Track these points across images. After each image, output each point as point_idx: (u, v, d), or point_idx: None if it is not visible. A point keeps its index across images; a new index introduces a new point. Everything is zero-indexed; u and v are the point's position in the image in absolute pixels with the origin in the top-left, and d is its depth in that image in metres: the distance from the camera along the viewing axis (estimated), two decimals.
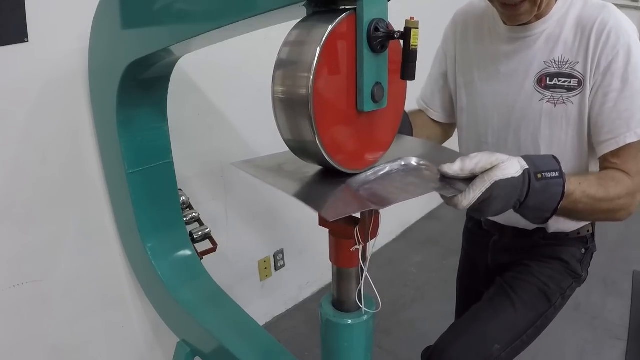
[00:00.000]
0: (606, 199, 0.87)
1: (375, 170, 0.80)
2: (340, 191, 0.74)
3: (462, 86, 1.18)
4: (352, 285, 0.83)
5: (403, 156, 0.84)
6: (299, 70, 0.65)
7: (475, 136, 1.17)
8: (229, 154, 1.87)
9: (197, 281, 1.41)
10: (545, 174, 0.75)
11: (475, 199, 0.71)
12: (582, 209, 0.84)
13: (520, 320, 1.10)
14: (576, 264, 1.16)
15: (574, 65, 0.98)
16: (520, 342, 1.09)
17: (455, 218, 3.24)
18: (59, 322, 1.45)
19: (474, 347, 1.06)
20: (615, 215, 0.91)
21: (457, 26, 1.19)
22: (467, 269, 1.42)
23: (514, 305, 1.10)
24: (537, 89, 1.02)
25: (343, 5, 0.67)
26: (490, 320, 1.10)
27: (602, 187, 0.86)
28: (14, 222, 1.30)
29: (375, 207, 0.70)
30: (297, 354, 1.23)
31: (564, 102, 1.00)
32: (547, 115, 1.02)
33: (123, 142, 1.23)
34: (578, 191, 0.82)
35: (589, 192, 0.83)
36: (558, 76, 0.99)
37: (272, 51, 0.72)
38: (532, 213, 0.78)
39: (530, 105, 1.04)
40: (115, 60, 1.12)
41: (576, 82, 0.98)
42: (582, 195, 0.82)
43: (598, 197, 0.85)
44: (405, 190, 0.75)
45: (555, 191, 0.76)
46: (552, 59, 1.00)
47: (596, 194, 0.85)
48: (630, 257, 2.71)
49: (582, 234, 1.17)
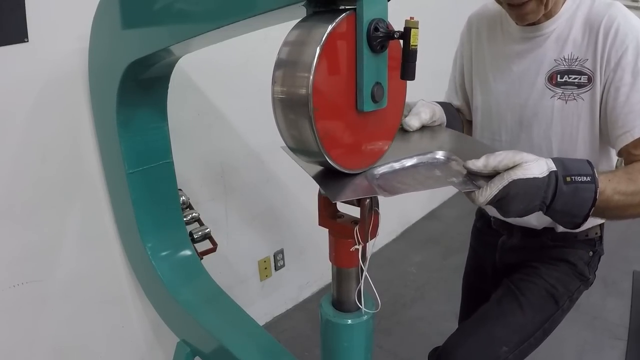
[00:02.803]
0: (638, 192, 0.83)
1: (402, 162, 0.81)
2: (355, 178, 0.75)
3: (477, 86, 1.20)
4: (352, 285, 0.83)
5: (439, 148, 0.85)
6: (299, 70, 0.65)
7: (489, 134, 1.18)
8: (229, 154, 1.87)
9: (197, 281, 1.42)
10: (575, 177, 0.73)
11: (491, 196, 0.71)
12: (614, 207, 0.81)
13: (528, 323, 1.10)
14: (584, 267, 1.16)
15: (583, 62, 0.99)
16: (528, 345, 1.09)
17: (455, 218, 3.25)
18: (59, 322, 1.45)
19: (481, 349, 1.06)
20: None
21: (471, 28, 1.21)
22: (474, 267, 1.42)
23: (521, 307, 1.10)
24: (548, 86, 1.04)
25: (343, 5, 0.67)
26: (498, 323, 1.10)
27: (632, 181, 0.83)
28: (14, 222, 1.30)
29: (383, 194, 0.71)
30: (297, 354, 1.23)
31: (575, 99, 1.01)
32: (558, 112, 1.04)
33: (123, 142, 1.23)
34: (609, 189, 0.79)
35: (619, 188, 0.80)
36: (568, 73, 1.01)
37: (272, 51, 0.72)
38: (561, 217, 0.77)
39: (542, 102, 1.05)
40: (115, 60, 1.12)
41: (586, 78, 0.99)
42: (613, 193, 0.79)
43: (629, 192, 0.82)
44: (422, 182, 0.76)
45: (586, 196, 0.73)
46: (562, 57, 1.02)
47: (627, 189, 0.81)
48: (630, 257, 2.71)
49: (590, 237, 1.16)
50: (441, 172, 0.79)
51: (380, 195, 0.72)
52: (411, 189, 0.72)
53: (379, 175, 0.78)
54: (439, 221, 3.25)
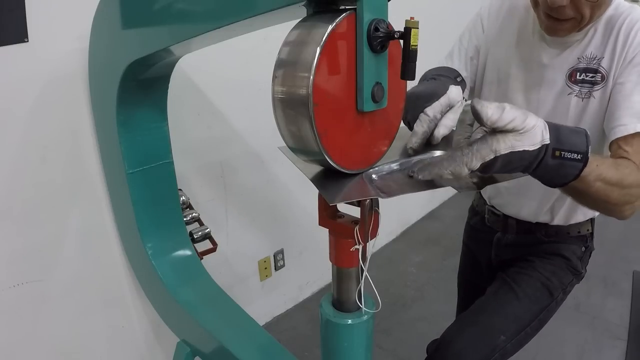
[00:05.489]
0: (619, 185, 0.81)
1: (401, 161, 0.81)
2: (353, 180, 0.75)
3: (494, 73, 1.17)
4: (352, 285, 0.83)
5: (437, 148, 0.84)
6: (299, 70, 0.65)
7: None
8: (229, 154, 1.87)
9: (197, 281, 1.42)
10: (565, 153, 0.69)
11: (476, 167, 0.67)
12: (593, 193, 0.78)
13: (524, 313, 1.12)
14: (577, 261, 1.20)
15: (600, 61, 1.01)
16: (525, 334, 1.12)
17: (455, 218, 3.24)
18: (59, 322, 1.45)
19: (480, 339, 1.08)
20: (622, 208, 0.85)
21: (501, 10, 1.16)
22: (469, 264, 1.44)
23: (518, 298, 1.13)
24: (567, 83, 1.05)
25: (343, 5, 0.67)
26: (496, 312, 1.12)
27: (618, 172, 0.80)
28: (14, 222, 1.30)
29: (381, 196, 0.71)
30: (297, 354, 1.23)
31: (588, 97, 1.03)
32: (573, 109, 1.05)
33: (123, 142, 1.23)
34: (593, 174, 0.76)
35: (604, 175, 0.77)
36: (586, 71, 1.02)
37: (272, 51, 0.72)
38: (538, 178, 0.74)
39: (561, 98, 1.07)
40: (115, 60, 1.12)
41: (600, 77, 1.01)
42: (596, 179, 0.76)
43: (613, 181, 0.79)
44: (421, 183, 0.74)
45: (568, 172, 0.71)
46: (583, 55, 1.03)
47: (611, 177, 0.78)
48: (630, 257, 2.72)
49: (582, 233, 1.20)
50: None
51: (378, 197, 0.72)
52: (409, 190, 0.72)
53: (377, 176, 0.78)
54: (439, 221, 3.25)
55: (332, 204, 0.69)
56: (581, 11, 0.93)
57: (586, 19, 0.94)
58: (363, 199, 0.74)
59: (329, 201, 0.69)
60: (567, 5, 0.92)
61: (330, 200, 0.69)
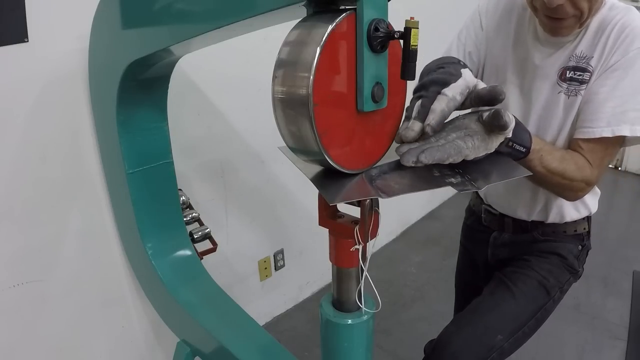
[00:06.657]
0: (560, 175, 0.96)
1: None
2: (353, 180, 0.75)
3: (493, 70, 1.19)
4: (352, 285, 0.83)
5: None
6: (299, 70, 0.65)
7: None
8: (229, 154, 1.87)
9: (197, 281, 1.42)
10: (515, 145, 0.84)
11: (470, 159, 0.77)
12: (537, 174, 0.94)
13: (521, 312, 1.13)
14: (573, 260, 1.20)
15: (589, 60, 1.02)
16: (522, 334, 1.12)
17: (455, 218, 3.24)
18: (59, 322, 1.45)
19: (477, 338, 1.08)
20: (564, 192, 1.03)
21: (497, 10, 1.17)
22: (466, 264, 1.44)
23: (514, 297, 1.13)
24: (558, 81, 1.06)
25: (343, 5, 0.67)
26: (493, 312, 1.12)
27: (562, 165, 0.95)
28: (14, 222, 1.30)
29: (380, 196, 0.71)
30: (297, 354, 1.23)
31: (575, 95, 1.04)
32: (561, 107, 1.07)
33: (123, 142, 1.23)
34: (536, 161, 0.92)
35: (547, 163, 0.93)
36: (575, 70, 1.04)
37: (272, 51, 0.72)
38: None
39: (551, 96, 1.08)
40: (115, 60, 1.12)
41: (588, 76, 1.02)
42: (539, 165, 0.93)
43: (555, 172, 0.95)
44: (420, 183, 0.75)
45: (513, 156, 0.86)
46: (574, 54, 1.04)
47: (555, 168, 0.95)
48: (630, 257, 2.72)
49: (579, 231, 1.21)
50: (439, 172, 0.79)
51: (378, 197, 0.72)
52: (409, 190, 0.72)
53: (377, 175, 0.78)
54: (439, 221, 3.25)
55: (332, 204, 0.69)
56: (579, 7, 0.94)
57: (585, 13, 0.95)
58: (363, 199, 0.74)
59: (329, 201, 0.69)
60: (565, 3, 0.93)
61: (330, 200, 0.69)
